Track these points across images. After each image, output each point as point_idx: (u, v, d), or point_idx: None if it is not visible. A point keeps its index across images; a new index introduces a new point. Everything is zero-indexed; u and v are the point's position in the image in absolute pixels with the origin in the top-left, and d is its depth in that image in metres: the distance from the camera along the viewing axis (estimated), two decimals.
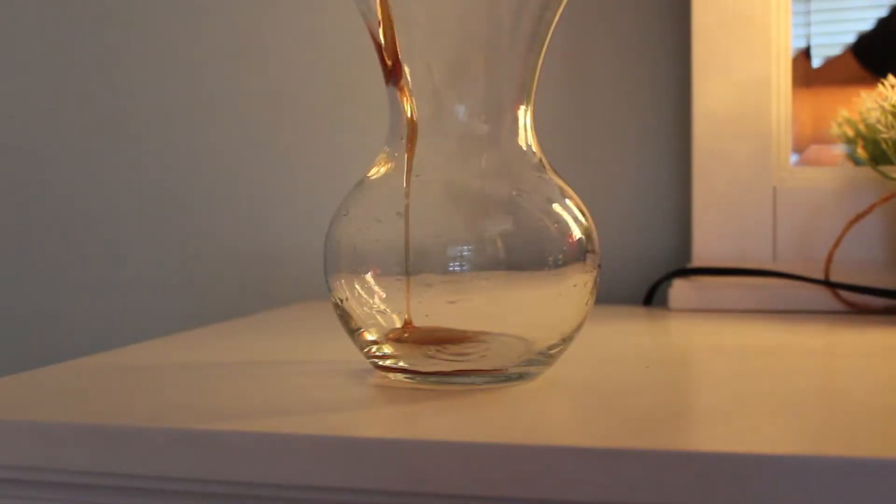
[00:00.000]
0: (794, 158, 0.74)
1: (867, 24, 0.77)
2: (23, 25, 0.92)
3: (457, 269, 0.39)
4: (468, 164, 0.42)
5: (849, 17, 0.78)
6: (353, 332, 0.42)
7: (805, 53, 0.76)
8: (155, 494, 0.36)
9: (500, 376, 0.41)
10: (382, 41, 0.41)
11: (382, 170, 0.42)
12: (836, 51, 0.78)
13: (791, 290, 0.68)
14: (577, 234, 0.40)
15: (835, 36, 0.77)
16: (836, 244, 0.67)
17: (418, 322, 0.40)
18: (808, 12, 0.75)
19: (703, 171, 0.72)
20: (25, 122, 0.92)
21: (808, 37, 0.76)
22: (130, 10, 0.89)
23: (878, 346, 0.54)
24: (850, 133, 0.72)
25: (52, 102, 0.91)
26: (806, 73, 0.76)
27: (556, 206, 0.41)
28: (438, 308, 0.39)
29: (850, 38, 0.77)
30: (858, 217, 0.66)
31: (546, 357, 0.41)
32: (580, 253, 0.40)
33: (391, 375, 0.42)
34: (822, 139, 0.76)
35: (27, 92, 0.92)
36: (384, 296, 0.40)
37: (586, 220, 0.41)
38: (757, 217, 0.72)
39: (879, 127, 0.64)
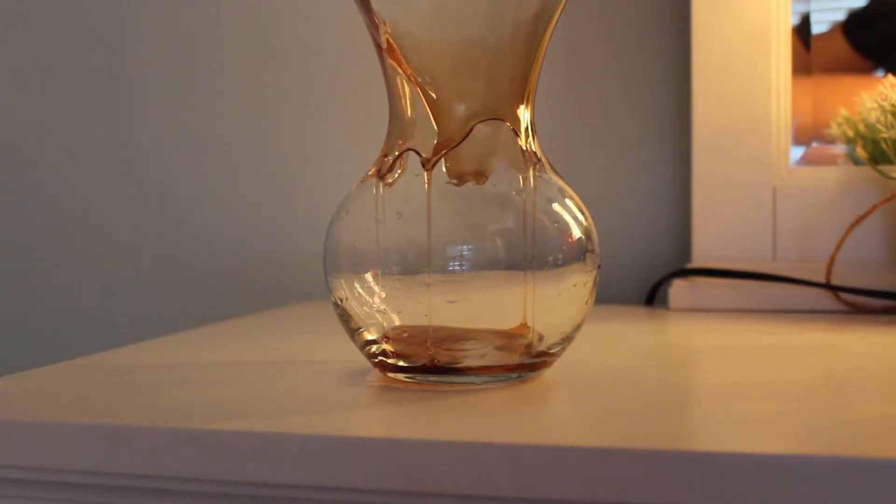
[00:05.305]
0: (796, 154, 0.73)
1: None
2: (22, 22, 0.92)
3: (457, 268, 0.39)
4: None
5: None
6: (353, 331, 0.42)
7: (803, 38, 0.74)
8: (155, 494, 0.36)
9: (500, 376, 0.41)
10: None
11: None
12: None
13: (791, 291, 0.68)
14: (576, 233, 0.40)
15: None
16: (837, 248, 0.67)
17: (418, 322, 0.40)
18: (807, 12, 0.75)
19: (703, 171, 0.72)
20: (25, 120, 0.92)
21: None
22: (131, 10, 0.89)
23: (877, 346, 0.54)
24: (850, 133, 0.72)
25: (52, 100, 0.91)
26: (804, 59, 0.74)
27: (556, 206, 0.41)
28: (438, 307, 0.39)
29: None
30: (858, 220, 0.66)
31: (546, 357, 0.41)
32: (580, 252, 0.40)
33: (391, 375, 0.42)
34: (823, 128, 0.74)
35: (28, 90, 0.92)
36: (384, 296, 0.40)
37: (586, 219, 0.41)
38: (757, 217, 0.72)
39: (879, 127, 0.64)
